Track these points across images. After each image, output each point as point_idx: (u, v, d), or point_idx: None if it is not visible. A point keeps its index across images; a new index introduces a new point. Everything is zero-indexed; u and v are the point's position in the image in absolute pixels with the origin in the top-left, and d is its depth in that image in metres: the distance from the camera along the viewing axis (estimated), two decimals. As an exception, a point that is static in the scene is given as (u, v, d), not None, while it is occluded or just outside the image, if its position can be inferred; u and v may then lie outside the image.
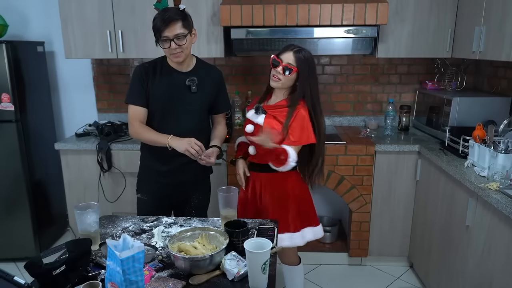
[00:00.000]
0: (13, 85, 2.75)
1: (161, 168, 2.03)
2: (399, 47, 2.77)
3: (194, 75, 1.97)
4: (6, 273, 0.99)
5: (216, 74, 2.08)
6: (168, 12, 1.82)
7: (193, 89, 1.96)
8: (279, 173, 1.93)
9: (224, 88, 2.13)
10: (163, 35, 1.82)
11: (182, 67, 1.97)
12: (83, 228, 1.46)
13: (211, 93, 2.03)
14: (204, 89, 2.00)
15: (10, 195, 2.88)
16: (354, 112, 3.29)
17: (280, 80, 1.84)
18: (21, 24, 3.17)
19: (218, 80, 2.07)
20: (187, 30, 1.85)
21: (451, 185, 2.18)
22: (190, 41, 1.89)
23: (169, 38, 1.81)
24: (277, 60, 1.83)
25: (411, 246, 2.79)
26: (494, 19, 2.23)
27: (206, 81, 2.00)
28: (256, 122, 1.92)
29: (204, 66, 2.06)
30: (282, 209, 1.96)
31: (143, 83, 1.95)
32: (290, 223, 1.97)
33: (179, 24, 1.82)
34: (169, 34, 1.81)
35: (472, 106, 2.58)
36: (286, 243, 1.96)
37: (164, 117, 1.98)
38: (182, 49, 1.86)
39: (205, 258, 1.28)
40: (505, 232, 1.67)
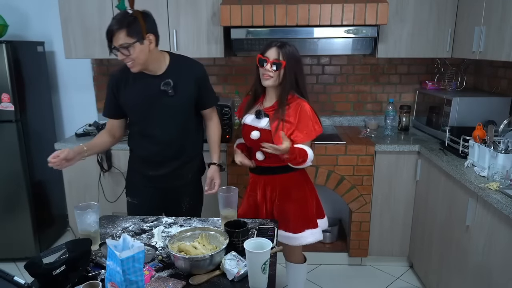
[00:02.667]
0: (13, 85, 2.75)
1: (149, 173, 1.98)
2: (399, 47, 2.77)
3: (168, 77, 1.84)
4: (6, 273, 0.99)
5: (195, 68, 1.92)
6: (115, 19, 1.70)
7: (170, 93, 1.83)
8: (289, 174, 1.91)
9: (207, 81, 1.99)
10: (111, 45, 1.71)
11: (152, 71, 1.84)
12: (83, 228, 1.46)
13: (191, 91, 1.90)
14: (183, 89, 1.87)
15: (10, 195, 2.88)
16: (354, 112, 3.29)
17: (271, 77, 1.81)
18: (21, 24, 3.17)
19: (198, 74, 1.92)
20: (134, 39, 1.69)
21: (451, 185, 2.18)
22: (141, 49, 1.72)
23: (116, 48, 1.70)
24: (263, 58, 1.81)
25: (411, 246, 2.79)
26: (494, 19, 2.23)
27: (184, 80, 1.87)
28: (261, 127, 1.87)
29: (180, 62, 1.90)
30: (302, 208, 1.95)
31: (116, 94, 1.89)
32: (310, 220, 1.98)
33: (123, 34, 1.67)
34: (115, 44, 1.70)
35: (472, 106, 2.58)
36: (309, 240, 1.96)
37: (145, 126, 1.91)
38: (131, 60, 1.73)
39: (205, 258, 1.28)
40: (505, 232, 1.67)
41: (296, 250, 2.09)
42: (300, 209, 1.95)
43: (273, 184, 1.94)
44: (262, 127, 1.86)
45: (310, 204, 1.99)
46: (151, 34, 1.75)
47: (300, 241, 1.95)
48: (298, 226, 1.95)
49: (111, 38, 1.69)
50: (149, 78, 1.84)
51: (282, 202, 1.94)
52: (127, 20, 1.68)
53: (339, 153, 2.65)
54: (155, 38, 1.78)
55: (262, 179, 1.96)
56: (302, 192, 1.96)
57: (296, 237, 1.95)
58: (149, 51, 1.76)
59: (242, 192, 2.70)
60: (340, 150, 2.65)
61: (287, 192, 1.93)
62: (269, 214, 1.98)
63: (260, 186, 1.98)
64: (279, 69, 1.80)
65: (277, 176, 1.92)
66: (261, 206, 1.99)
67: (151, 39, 1.76)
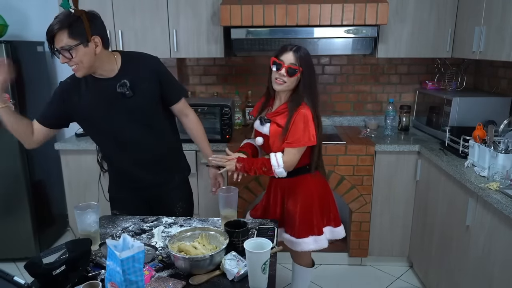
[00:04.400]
0: (13, 85, 2.75)
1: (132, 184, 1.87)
2: (399, 47, 2.77)
3: (123, 77, 1.68)
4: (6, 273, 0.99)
5: (150, 62, 1.77)
6: (57, 18, 1.54)
7: (128, 94, 1.67)
8: (297, 177, 1.89)
9: (167, 73, 1.82)
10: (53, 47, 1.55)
11: (103, 74, 1.68)
12: (83, 228, 1.46)
13: (151, 91, 1.74)
14: (142, 88, 1.71)
15: (10, 195, 2.88)
16: (354, 112, 3.29)
17: (285, 82, 1.76)
18: (21, 24, 3.17)
19: (154, 68, 1.76)
20: (77, 41, 1.53)
21: (451, 185, 2.18)
22: (86, 52, 1.56)
23: (58, 50, 1.55)
24: (279, 62, 1.75)
25: (411, 246, 2.79)
26: (494, 19, 2.23)
27: (141, 79, 1.71)
28: (264, 132, 1.87)
29: (133, 60, 1.75)
30: (307, 213, 1.92)
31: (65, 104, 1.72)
32: (314, 225, 1.93)
33: (65, 35, 1.51)
34: (56, 46, 1.54)
35: (472, 106, 2.58)
36: (312, 247, 1.92)
37: (108, 135, 1.77)
38: (74, 63, 1.57)
39: (205, 258, 1.28)
40: (505, 232, 1.67)
41: (305, 254, 2.05)
42: (304, 214, 1.92)
43: (283, 186, 1.94)
44: (265, 133, 1.87)
45: (316, 210, 1.94)
46: (96, 36, 1.58)
47: (302, 246, 1.92)
48: (302, 231, 1.91)
49: (52, 38, 1.53)
50: (103, 82, 1.69)
51: (289, 205, 1.93)
52: (69, 20, 1.52)
53: (339, 153, 2.65)
54: (101, 41, 1.60)
55: (275, 181, 1.97)
56: (309, 197, 1.92)
57: (298, 242, 1.92)
58: (95, 54, 1.59)
59: (242, 192, 2.71)
60: (340, 150, 2.65)
61: (294, 195, 1.92)
62: (278, 217, 1.97)
63: (273, 189, 1.99)
64: (293, 75, 1.75)
65: (288, 179, 1.89)
66: (272, 208, 1.99)
67: (96, 42, 1.59)
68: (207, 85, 3.27)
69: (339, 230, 2.05)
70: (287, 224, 1.95)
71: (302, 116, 1.76)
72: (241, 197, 2.69)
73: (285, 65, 1.74)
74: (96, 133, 1.82)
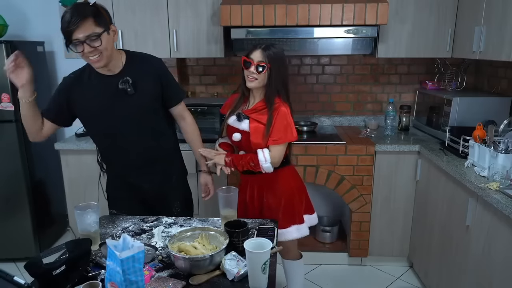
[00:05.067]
0: (13, 85, 2.73)
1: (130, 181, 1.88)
2: (399, 47, 2.77)
3: (126, 75, 1.70)
4: (6, 273, 0.99)
5: (154, 63, 1.80)
6: (76, 9, 1.53)
7: (130, 91, 1.69)
8: (275, 172, 1.93)
9: (169, 75, 1.85)
10: (73, 38, 1.53)
11: (111, 70, 1.70)
12: (83, 228, 1.46)
13: (153, 90, 1.76)
14: (144, 86, 1.73)
15: (10, 195, 2.88)
16: (354, 112, 3.29)
17: (256, 79, 1.82)
18: (21, 24, 3.17)
19: (158, 69, 1.79)
20: (102, 28, 1.56)
21: (451, 185, 2.18)
22: (108, 41, 1.60)
23: (81, 41, 1.54)
24: (248, 61, 1.82)
25: (411, 246, 2.79)
26: (494, 19, 2.23)
27: (144, 76, 1.74)
28: (242, 129, 1.90)
29: (138, 59, 1.78)
30: (288, 205, 1.98)
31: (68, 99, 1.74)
32: (296, 215, 2.01)
33: (90, 22, 1.53)
34: (80, 36, 1.53)
35: (472, 106, 2.58)
36: (295, 235, 1.99)
37: (107, 133, 1.77)
38: (98, 52, 1.58)
39: (205, 258, 1.28)
40: (505, 232, 1.67)
41: (291, 247, 2.11)
42: (286, 205, 1.98)
43: (260, 182, 1.98)
44: (243, 129, 1.90)
45: (297, 200, 2.02)
46: (112, 24, 1.64)
47: (286, 236, 1.98)
48: (284, 222, 1.98)
49: (73, 31, 1.51)
50: (106, 79, 1.71)
51: (268, 199, 1.98)
52: (90, 9, 1.54)
53: (339, 153, 2.65)
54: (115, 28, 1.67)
55: (250, 178, 2.00)
56: (288, 188, 1.99)
57: (282, 232, 1.97)
58: (113, 42, 1.64)
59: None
60: (340, 150, 2.65)
61: (273, 188, 1.97)
62: (257, 212, 2.01)
63: (249, 186, 2.02)
64: (263, 72, 1.81)
65: (264, 174, 1.93)
66: (250, 205, 2.03)
67: (114, 30, 1.65)
68: (207, 85, 3.27)
69: (314, 217, 2.12)
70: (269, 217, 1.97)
71: (283, 114, 1.84)
72: (241, 197, 2.69)
73: (254, 62, 1.81)
74: (96, 130, 1.83)
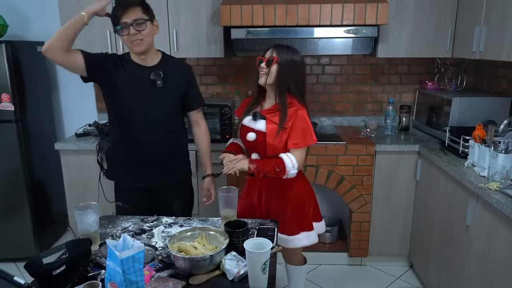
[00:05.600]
0: (13, 85, 2.75)
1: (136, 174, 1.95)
2: (399, 47, 2.77)
3: (159, 69, 1.87)
4: (6, 273, 0.99)
5: (185, 68, 2.00)
6: None
7: (159, 84, 1.85)
8: None
9: (195, 82, 2.04)
10: (121, 21, 1.72)
11: (146, 61, 1.87)
12: (83, 228, 1.46)
13: (179, 88, 1.93)
14: (171, 84, 1.89)
15: (10, 195, 2.88)
16: (354, 112, 3.29)
17: (265, 74, 1.83)
18: (21, 24, 3.17)
19: (187, 74, 1.98)
20: (148, 17, 1.78)
21: (451, 185, 2.18)
22: (151, 30, 1.81)
23: (128, 24, 1.73)
24: (261, 59, 1.86)
25: (411, 246, 2.79)
26: (494, 19, 2.23)
27: (173, 76, 1.90)
28: (257, 128, 1.87)
29: (171, 60, 1.97)
30: (297, 211, 1.94)
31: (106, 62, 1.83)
32: (305, 222, 1.96)
33: (139, 9, 1.75)
34: (128, 20, 1.72)
35: (472, 106, 2.58)
36: (304, 242, 1.94)
37: (129, 115, 1.88)
38: (142, 36, 1.76)
39: (205, 258, 1.28)
40: (505, 232, 1.67)
41: (296, 252, 2.08)
42: (296, 211, 1.93)
43: (269, 186, 1.94)
44: (258, 129, 1.86)
45: (307, 207, 1.97)
46: (156, 20, 1.86)
47: (295, 243, 1.93)
48: (294, 228, 1.93)
49: (122, 13, 1.72)
50: (140, 68, 1.86)
51: (277, 204, 1.93)
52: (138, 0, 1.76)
53: (339, 153, 2.65)
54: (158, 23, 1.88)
55: (258, 181, 1.96)
56: (299, 194, 1.94)
57: (291, 239, 1.93)
58: (153, 35, 1.85)
59: (242, 192, 2.71)
60: (340, 150, 2.65)
61: (283, 194, 1.92)
62: (264, 216, 1.96)
63: (256, 189, 1.97)
64: (270, 65, 1.80)
65: (273, 178, 1.90)
66: (257, 209, 1.98)
67: (157, 25, 1.86)
68: (207, 85, 3.27)
69: (322, 225, 2.09)
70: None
71: (302, 117, 1.81)
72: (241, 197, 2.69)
73: (265, 59, 1.84)
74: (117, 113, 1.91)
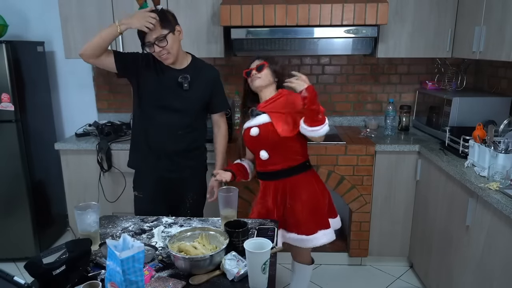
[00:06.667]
0: (13, 85, 2.75)
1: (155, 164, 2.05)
2: (399, 47, 2.77)
3: (187, 73, 1.97)
4: (6, 273, 0.99)
5: (212, 72, 2.09)
6: None
7: (185, 87, 1.96)
8: (298, 176, 1.93)
9: (221, 87, 2.13)
10: (146, 41, 1.85)
11: (176, 64, 1.98)
12: (83, 228, 1.46)
13: (205, 91, 2.04)
14: (198, 87, 2.00)
15: (10, 195, 2.88)
16: (354, 112, 3.29)
17: (259, 77, 1.91)
18: (21, 24, 3.17)
19: (213, 78, 2.08)
20: (168, 30, 1.85)
21: (451, 185, 2.18)
22: (174, 40, 1.89)
23: (152, 42, 1.84)
24: (248, 70, 1.95)
25: (411, 246, 2.79)
26: (494, 19, 2.23)
27: (200, 79, 2.01)
28: (259, 123, 1.89)
29: (200, 64, 2.06)
30: (313, 210, 1.94)
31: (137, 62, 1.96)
32: (322, 220, 1.97)
33: (157, 26, 1.83)
34: (150, 39, 1.84)
35: (472, 106, 2.58)
36: (322, 241, 1.95)
37: (155, 112, 1.99)
38: (167, 51, 1.87)
39: (205, 258, 1.28)
40: (505, 232, 1.67)
41: (305, 251, 2.09)
42: (312, 210, 1.93)
43: (283, 188, 1.94)
44: (260, 123, 1.89)
45: (322, 204, 1.98)
46: (178, 25, 1.93)
47: (314, 242, 1.94)
48: (311, 228, 1.93)
49: (145, 34, 1.83)
50: (169, 70, 1.97)
51: (293, 205, 1.93)
52: (159, 13, 1.84)
53: (339, 153, 2.65)
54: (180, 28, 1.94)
55: (272, 184, 1.96)
56: (313, 193, 1.95)
57: (309, 239, 1.93)
58: (179, 41, 1.93)
59: (242, 192, 2.71)
60: (340, 150, 2.65)
61: (297, 194, 1.92)
62: (279, 217, 1.96)
63: (271, 192, 1.96)
64: (263, 69, 1.91)
65: (286, 179, 1.92)
66: (272, 212, 1.96)
67: (179, 30, 1.93)
68: (207, 85, 3.27)
69: (338, 220, 2.11)
70: (291, 224, 1.95)
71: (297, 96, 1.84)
72: (241, 197, 2.69)
73: (253, 68, 1.94)
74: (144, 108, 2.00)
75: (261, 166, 1.97)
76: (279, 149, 1.88)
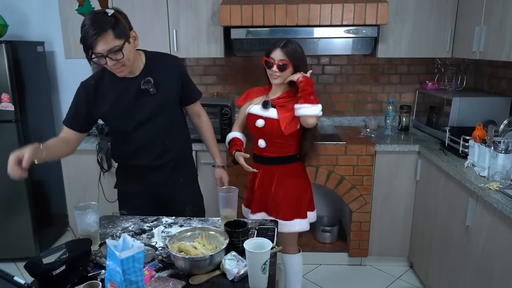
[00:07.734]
0: (13, 85, 2.75)
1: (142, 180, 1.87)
2: (399, 47, 2.77)
3: (148, 75, 1.70)
4: (6, 273, 0.99)
5: (175, 63, 1.82)
6: (94, 21, 1.49)
7: (152, 91, 1.70)
8: (289, 165, 2.02)
9: (187, 76, 1.88)
10: (95, 52, 1.52)
11: (132, 72, 1.70)
12: (83, 228, 1.46)
13: (175, 88, 1.80)
14: (165, 85, 1.75)
15: (10, 195, 2.88)
16: (354, 112, 3.29)
17: (279, 76, 1.91)
18: (21, 24, 3.17)
19: (178, 68, 1.82)
20: (122, 39, 1.54)
21: (451, 185, 2.18)
22: (130, 49, 1.60)
23: (103, 55, 1.53)
24: (269, 61, 1.90)
25: (411, 246, 2.79)
26: (494, 19, 2.23)
27: (164, 76, 1.75)
28: (267, 116, 1.96)
29: (157, 58, 1.78)
30: (295, 198, 2.05)
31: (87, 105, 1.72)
32: (300, 210, 2.06)
33: (111, 36, 1.50)
34: (102, 50, 1.51)
35: (472, 106, 2.58)
36: (296, 228, 2.06)
37: (129, 132, 1.76)
38: (121, 63, 1.58)
39: (205, 258, 1.28)
40: (505, 232, 1.67)
41: (290, 241, 2.14)
42: (293, 199, 2.04)
43: (272, 173, 2.04)
44: (268, 117, 1.96)
45: (304, 196, 2.08)
46: (133, 30, 1.63)
47: (289, 228, 2.04)
48: (288, 214, 2.03)
49: (95, 44, 1.49)
50: (128, 81, 1.70)
51: (277, 190, 2.03)
52: (109, 21, 1.50)
53: (339, 153, 2.65)
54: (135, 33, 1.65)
55: (262, 167, 2.06)
56: (298, 183, 2.06)
57: (285, 224, 2.03)
58: (134, 48, 1.64)
59: (242, 192, 2.71)
60: (340, 150, 2.65)
61: (283, 182, 2.03)
62: (262, 200, 2.07)
63: (259, 174, 2.07)
64: (285, 70, 1.89)
65: (277, 166, 2.03)
66: (256, 192, 2.09)
67: (134, 35, 1.64)
68: (207, 85, 3.27)
69: (314, 214, 2.17)
70: (271, 207, 2.06)
71: None
72: (241, 197, 2.68)
73: (275, 62, 1.89)
74: (116, 128, 1.83)
75: (257, 150, 2.07)
76: (277, 142, 1.98)
